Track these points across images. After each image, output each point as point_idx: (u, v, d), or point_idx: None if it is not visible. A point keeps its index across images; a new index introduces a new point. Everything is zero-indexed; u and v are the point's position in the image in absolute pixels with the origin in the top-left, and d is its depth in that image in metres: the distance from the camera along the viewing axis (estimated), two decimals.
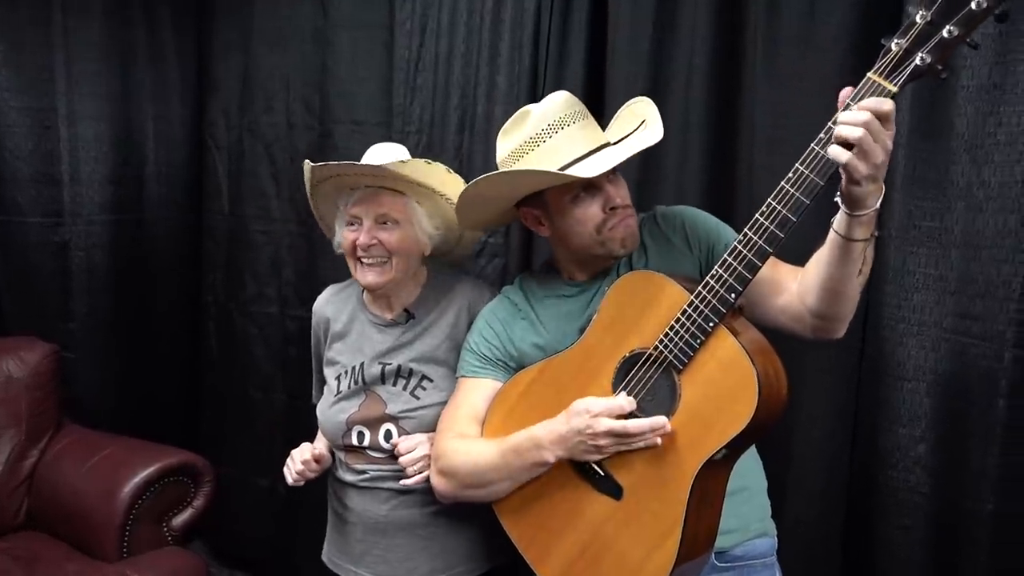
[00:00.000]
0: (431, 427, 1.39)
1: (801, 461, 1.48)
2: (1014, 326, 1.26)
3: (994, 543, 1.29)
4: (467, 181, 1.32)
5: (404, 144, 1.58)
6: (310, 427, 1.59)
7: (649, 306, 1.09)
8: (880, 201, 0.93)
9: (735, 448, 1.05)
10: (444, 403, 1.40)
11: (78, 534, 2.05)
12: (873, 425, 1.44)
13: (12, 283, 2.51)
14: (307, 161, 1.44)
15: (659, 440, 1.05)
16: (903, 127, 1.35)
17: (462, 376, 1.32)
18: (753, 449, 1.23)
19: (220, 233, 2.76)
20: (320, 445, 1.53)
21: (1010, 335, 1.26)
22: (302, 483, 1.46)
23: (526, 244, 1.91)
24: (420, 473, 1.34)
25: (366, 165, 1.38)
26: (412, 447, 1.35)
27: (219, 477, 2.20)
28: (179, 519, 2.11)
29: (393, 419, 1.43)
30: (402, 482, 1.36)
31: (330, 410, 1.49)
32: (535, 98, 1.82)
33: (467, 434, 1.25)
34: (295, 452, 1.47)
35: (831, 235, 0.99)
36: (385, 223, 1.40)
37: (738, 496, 1.17)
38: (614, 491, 1.12)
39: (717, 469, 1.06)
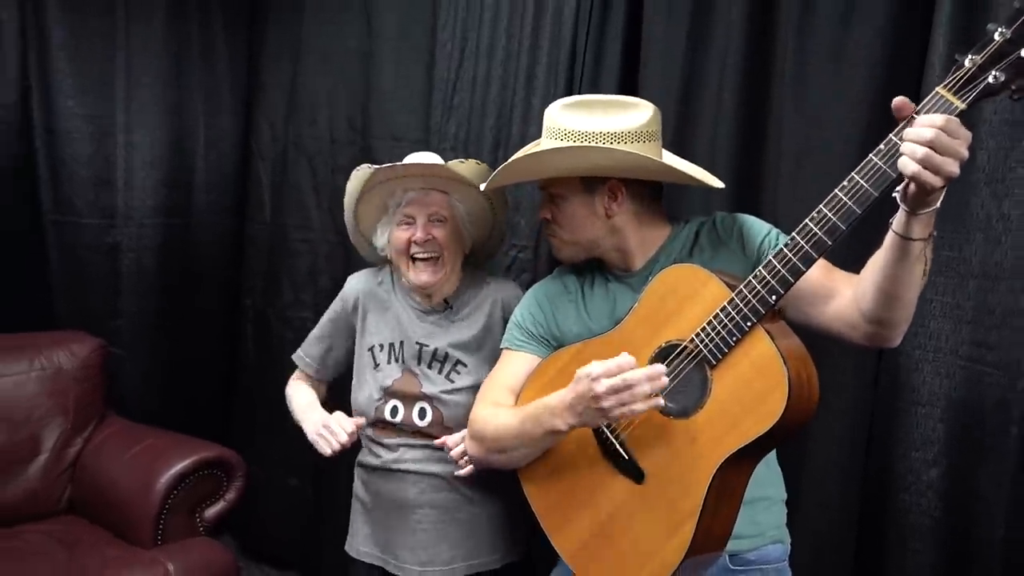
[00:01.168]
0: (464, 408, 1.43)
1: (816, 475, 1.47)
2: None
3: (1005, 570, 1.28)
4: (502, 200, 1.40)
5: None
6: None
7: (690, 299, 1.09)
8: (941, 199, 0.91)
9: (760, 448, 1.05)
10: (476, 386, 1.43)
11: (116, 520, 2.10)
12: (886, 448, 1.44)
13: (65, 280, 2.59)
14: (366, 165, 1.50)
15: (661, 400, 1.05)
16: None
17: (505, 348, 1.35)
18: (775, 461, 1.25)
19: (261, 240, 2.83)
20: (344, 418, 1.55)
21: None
22: (339, 453, 1.47)
23: (554, 259, 1.95)
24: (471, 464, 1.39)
25: (433, 164, 1.47)
26: (459, 441, 1.41)
27: (248, 474, 2.23)
28: (211, 511, 2.15)
29: (428, 399, 1.49)
30: (456, 472, 1.42)
31: (368, 379, 1.53)
32: None
33: (501, 403, 1.28)
34: (333, 421, 1.48)
35: (889, 236, 0.97)
36: (437, 220, 1.47)
37: (758, 504, 1.18)
38: (636, 475, 1.13)
39: (739, 467, 1.06)
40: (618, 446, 1.15)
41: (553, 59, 1.93)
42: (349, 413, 1.58)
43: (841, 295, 1.09)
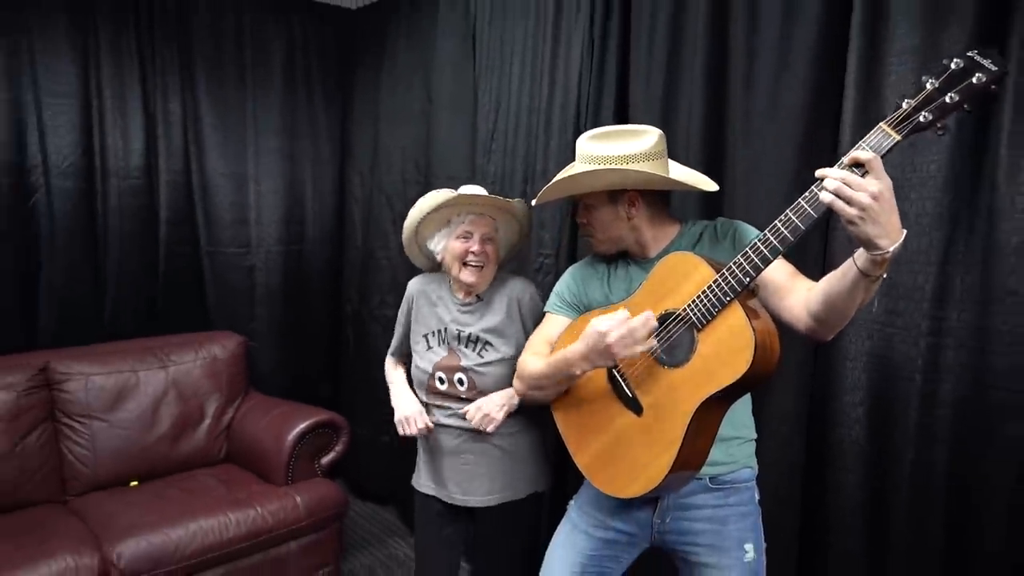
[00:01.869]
0: (495, 378, 1.49)
1: (775, 417, 1.48)
2: (927, 320, 1.27)
3: (913, 484, 1.30)
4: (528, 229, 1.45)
5: None
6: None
7: (685, 278, 1.09)
8: (894, 248, 0.87)
9: (731, 394, 1.06)
10: (503, 360, 1.49)
11: (259, 466, 2.23)
12: (825, 394, 1.44)
13: (217, 294, 2.74)
14: (447, 190, 1.50)
15: (655, 342, 1.07)
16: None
17: (547, 311, 1.36)
18: (749, 408, 1.26)
19: (355, 260, 2.93)
20: (416, 402, 1.59)
21: (924, 327, 1.28)
22: (421, 432, 1.53)
23: (572, 262, 1.96)
24: (481, 424, 1.44)
25: (496, 198, 1.50)
26: (474, 413, 1.45)
27: (352, 433, 2.30)
28: (326, 459, 2.25)
29: (464, 370, 1.51)
30: (485, 429, 1.45)
31: (423, 358, 1.57)
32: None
33: (540, 352, 1.30)
34: (414, 416, 1.53)
35: (848, 262, 0.94)
36: (487, 239, 1.52)
37: (733, 441, 1.20)
38: (637, 409, 1.14)
39: (713, 408, 1.07)
40: (625, 387, 1.16)
41: (564, 113, 1.97)
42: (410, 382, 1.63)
43: (796, 294, 1.07)
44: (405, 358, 1.73)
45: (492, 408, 1.46)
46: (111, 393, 2.20)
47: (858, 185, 0.86)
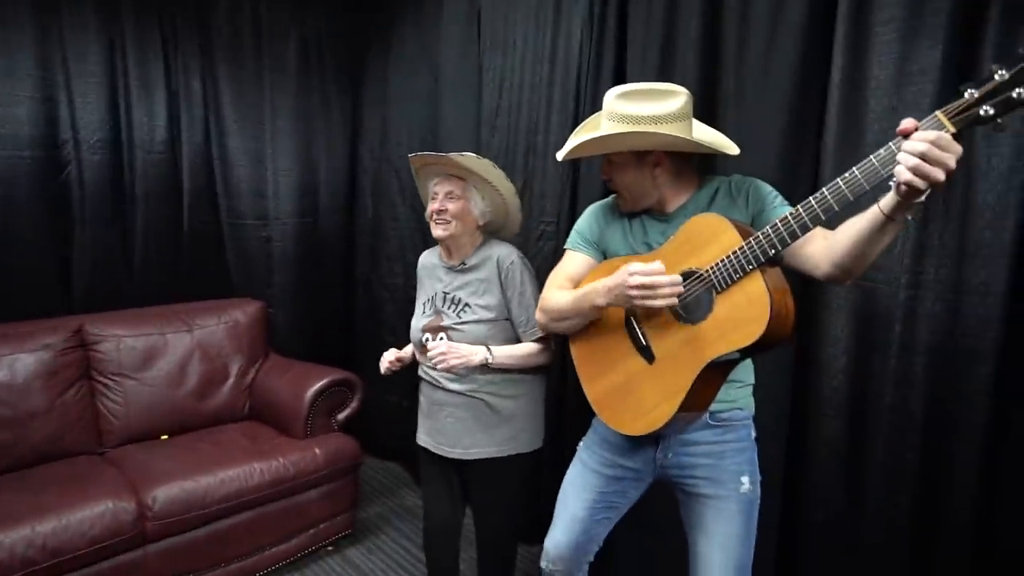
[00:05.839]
0: (471, 336, 1.45)
1: (765, 366, 1.40)
2: (906, 274, 1.27)
3: (889, 429, 1.30)
4: (520, 193, 1.39)
5: None
6: None
7: (711, 240, 1.05)
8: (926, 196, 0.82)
9: (742, 355, 1.04)
10: (479, 321, 1.46)
11: (280, 421, 2.23)
12: (808, 345, 1.43)
13: (238, 263, 2.72)
14: (410, 155, 1.54)
15: (676, 299, 1.03)
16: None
17: (567, 248, 1.31)
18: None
19: (366, 229, 2.92)
20: (407, 350, 1.62)
21: (903, 281, 1.27)
22: (390, 373, 1.57)
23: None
24: (433, 358, 1.39)
25: (440, 155, 1.47)
26: (431, 348, 1.42)
27: (366, 389, 2.30)
28: (341, 415, 2.26)
29: (445, 329, 1.49)
30: (432, 362, 1.40)
31: (416, 320, 1.58)
32: None
33: (563, 286, 1.27)
34: (386, 353, 1.58)
35: (874, 212, 0.88)
36: (451, 198, 1.49)
37: (735, 384, 1.19)
38: (649, 357, 1.13)
39: (721, 367, 1.06)
40: (641, 335, 1.14)
41: (564, 89, 1.95)
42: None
43: (814, 242, 1.03)
44: None
45: (451, 352, 1.41)
46: (141, 353, 2.20)
47: (937, 160, 0.77)
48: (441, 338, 1.49)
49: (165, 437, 2.18)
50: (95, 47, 2.29)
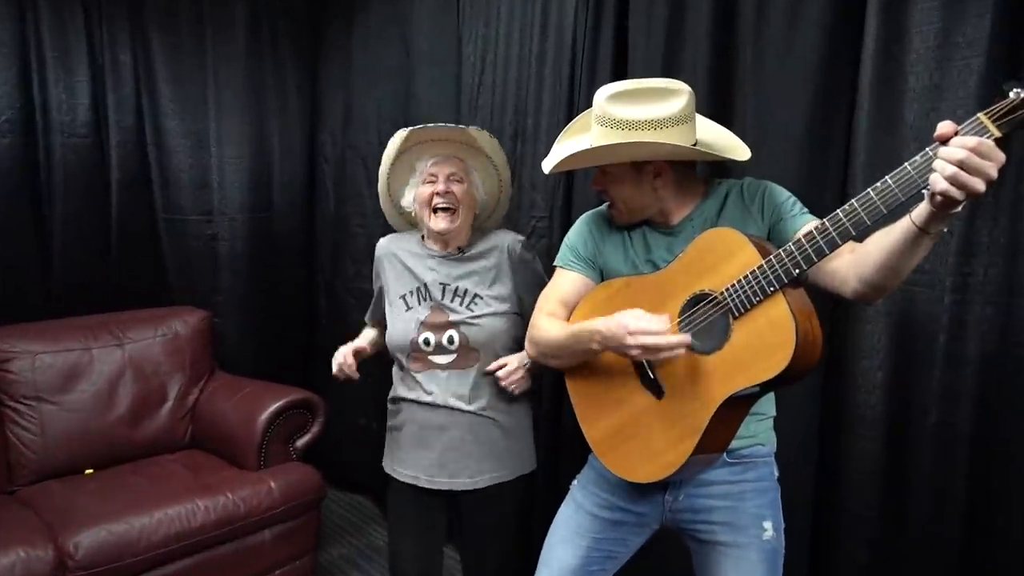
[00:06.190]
0: (489, 332, 1.45)
1: (785, 390, 1.36)
2: (951, 276, 1.25)
3: (934, 450, 1.29)
4: (513, 180, 1.37)
5: None
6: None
7: (726, 258, 1.04)
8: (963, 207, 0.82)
9: (764, 390, 1.02)
10: (493, 314, 1.45)
11: (228, 450, 2.18)
12: (840, 358, 1.41)
13: (177, 265, 2.67)
14: (402, 130, 1.46)
15: (683, 351, 1.01)
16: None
17: (558, 266, 1.29)
18: None
19: (327, 227, 2.87)
20: (363, 339, 1.59)
21: (948, 283, 1.26)
22: (346, 377, 1.52)
23: (567, 227, 1.96)
24: (515, 383, 1.41)
25: (455, 127, 1.45)
26: (502, 364, 1.42)
27: (328, 412, 2.25)
28: (301, 441, 2.21)
29: (455, 325, 1.46)
30: (510, 389, 1.42)
31: (402, 318, 1.50)
32: (572, 114, 1.83)
33: (555, 313, 1.24)
34: (340, 351, 1.53)
35: (906, 224, 0.88)
36: (455, 180, 1.47)
37: (756, 417, 1.17)
38: (657, 392, 1.11)
39: (741, 403, 1.04)
40: (648, 367, 1.13)
41: (557, 65, 1.93)
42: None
43: (841, 256, 1.00)
44: (380, 326, 1.67)
45: (519, 364, 1.42)
46: (61, 372, 2.13)
47: (978, 169, 0.77)
48: (450, 340, 1.46)
49: (90, 471, 2.12)
50: (0, 14, 2.20)
